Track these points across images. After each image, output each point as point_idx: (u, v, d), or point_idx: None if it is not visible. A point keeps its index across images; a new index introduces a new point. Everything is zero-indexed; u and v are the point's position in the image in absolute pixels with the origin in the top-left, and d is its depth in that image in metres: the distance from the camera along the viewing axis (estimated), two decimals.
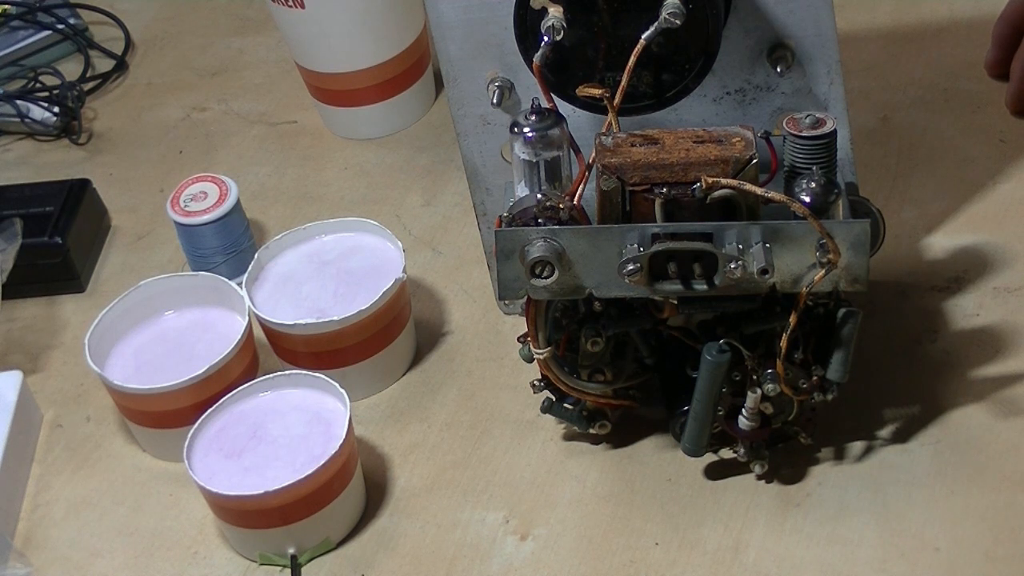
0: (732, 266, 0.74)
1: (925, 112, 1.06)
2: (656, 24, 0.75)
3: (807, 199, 0.75)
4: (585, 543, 0.82)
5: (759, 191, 0.74)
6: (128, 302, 0.94)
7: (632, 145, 0.76)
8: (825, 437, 0.84)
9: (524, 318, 0.79)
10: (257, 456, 0.84)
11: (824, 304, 0.78)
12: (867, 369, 0.85)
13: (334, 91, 1.14)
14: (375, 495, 0.87)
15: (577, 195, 0.78)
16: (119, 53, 1.33)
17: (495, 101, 0.86)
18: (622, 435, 0.87)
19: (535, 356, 0.81)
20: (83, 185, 1.11)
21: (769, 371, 0.78)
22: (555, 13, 0.77)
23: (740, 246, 0.74)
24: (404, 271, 0.92)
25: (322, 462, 0.81)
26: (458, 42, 0.85)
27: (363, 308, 0.89)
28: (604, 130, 0.78)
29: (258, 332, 0.94)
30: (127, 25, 1.35)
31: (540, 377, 0.83)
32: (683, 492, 0.83)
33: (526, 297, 0.78)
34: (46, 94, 1.25)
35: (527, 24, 0.79)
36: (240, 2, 1.39)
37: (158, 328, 0.95)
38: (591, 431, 0.86)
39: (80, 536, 0.89)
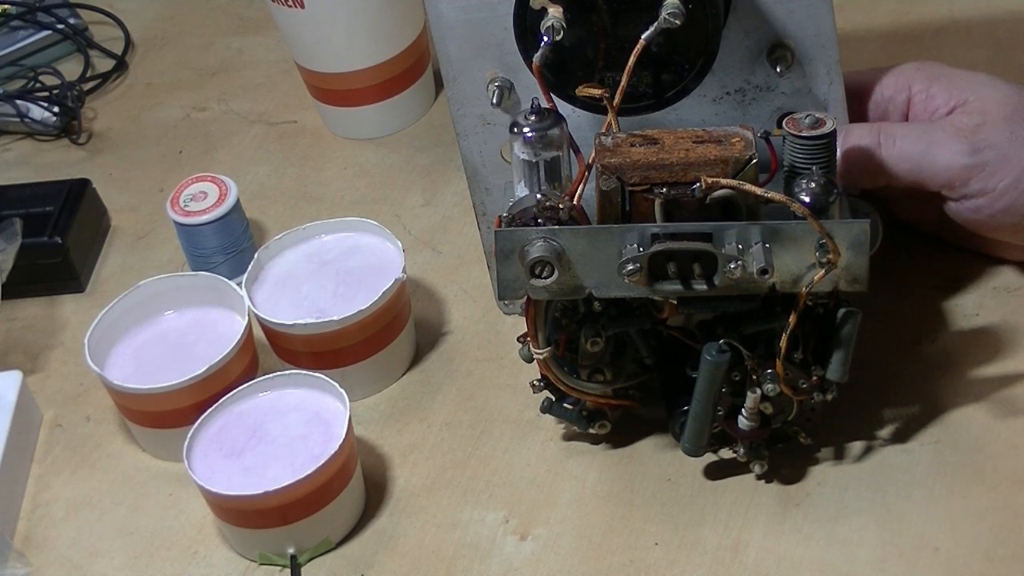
0: (732, 266, 0.74)
1: None
2: (656, 24, 0.75)
3: (807, 199, 0.75)
4: (585, 543, 0.82)
5: (759, 191, 0.74)
6: (128, 302, 0.94)
7: (632, 145, 0.76)
8: (825, 437, 0.84)
9: (524, 318, 0.79)
10: (257, 456, 0.84)
11: (824, 304, 0.78)
12: (867, 369, 0.85)
13: (334, 91, 1.14)
14: (375, 495, 0.87)
15: (577, 195, 0.78)
16: (119, 53, 1.33)
17: (495, 101, 0.85)
18: (622, 435, 0.87)
19: (535, 356, 0.81)
20: (83, 185, 1.11)
21: (769, 371, 0.78)
22: (555, 13, 0.77)
23: (740, 246, 0.74)
24: (404, 271, 0.92)
25: (322, 462, 0.81)
26: (458, 42, 0.85)
27: (363, 308, 0.89)
28: (604, 130, 0.78)
29: (258, 332, 0.94)
30: (127, 25, 1.35)
31: (540, 377, 0.83)
32: (683, 492, 0.83)
33: (526, 297, 0.78)
34: (46, 94, 1.25)
35: (527, 24, 0.79)
36: (240, 2, 1.38)
37: (158, 328, 0.95)
38: (591, 431, 0.86)
39: (80, 536, 0.89)
